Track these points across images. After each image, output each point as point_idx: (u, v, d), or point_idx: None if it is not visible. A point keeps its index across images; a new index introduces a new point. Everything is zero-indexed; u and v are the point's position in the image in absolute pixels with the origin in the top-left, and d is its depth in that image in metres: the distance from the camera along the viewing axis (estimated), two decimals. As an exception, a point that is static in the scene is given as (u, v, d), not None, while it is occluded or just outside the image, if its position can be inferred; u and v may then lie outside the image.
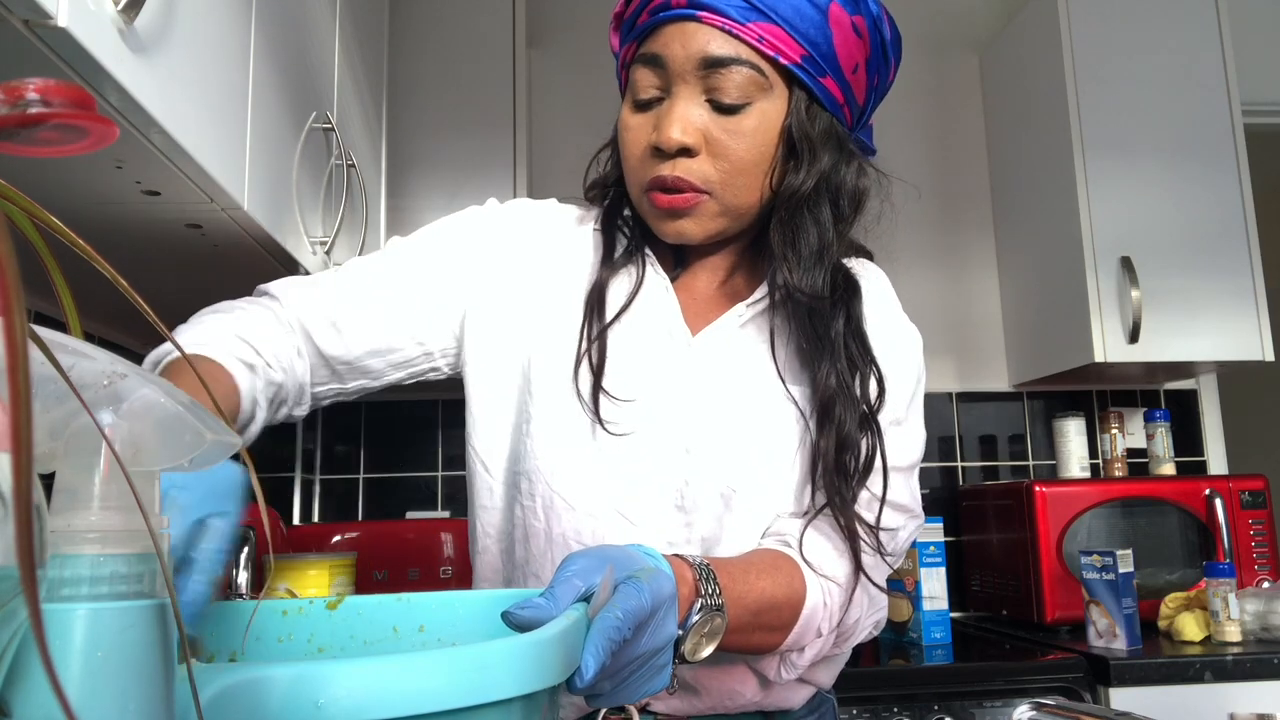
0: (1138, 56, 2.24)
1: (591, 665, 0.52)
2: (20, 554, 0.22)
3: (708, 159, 0.81)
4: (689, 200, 0.82)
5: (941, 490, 2.43)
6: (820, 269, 0.83)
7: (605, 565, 0.58)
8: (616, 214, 0.92)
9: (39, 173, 0.92)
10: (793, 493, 0.84)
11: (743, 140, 0.81)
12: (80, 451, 0.32)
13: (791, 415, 0.85)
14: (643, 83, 0.83)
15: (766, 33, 0.79)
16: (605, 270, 0.89)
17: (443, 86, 2.07)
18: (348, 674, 0.37)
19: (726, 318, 0.89)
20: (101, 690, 0.29)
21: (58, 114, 0.31)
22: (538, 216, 0.95)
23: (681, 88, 0.81)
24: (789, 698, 0.86)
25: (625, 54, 0.87)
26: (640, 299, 0.88)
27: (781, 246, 0.83)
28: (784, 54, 0.79)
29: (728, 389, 0.86)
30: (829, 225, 0.84)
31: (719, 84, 0.79)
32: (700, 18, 0.79)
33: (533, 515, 0.85)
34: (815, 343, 0.84)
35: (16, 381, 0.23)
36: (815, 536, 0.81)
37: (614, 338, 0.86)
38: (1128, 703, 1.69)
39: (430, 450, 2.32)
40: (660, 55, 0.81)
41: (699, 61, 0.79)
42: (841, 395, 0.82)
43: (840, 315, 0.84)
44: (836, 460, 0.81)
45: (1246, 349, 2.17)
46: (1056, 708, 0.91)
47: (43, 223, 0.31)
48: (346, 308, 0.88)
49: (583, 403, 0.84)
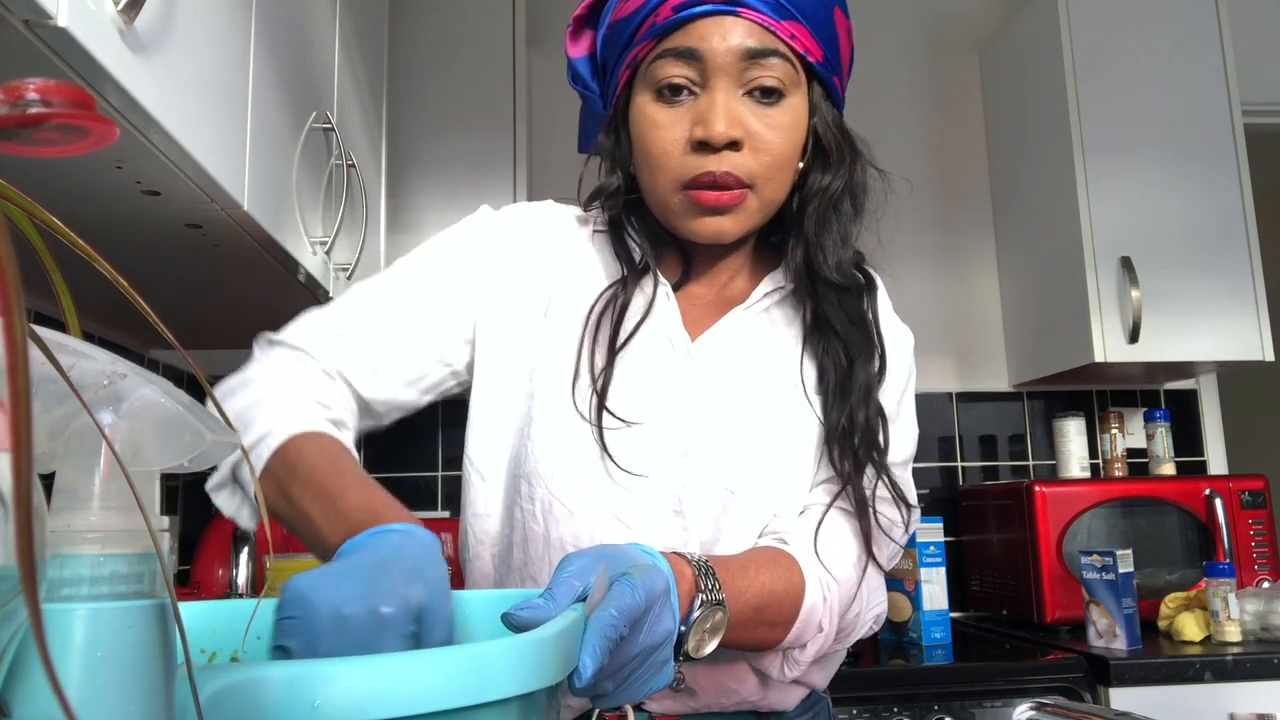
0: (1138, 56, 2.24)
1: (589, 665, 0.52)
2: (20, 554, 0.22)
3: (750, 153, 0.82)
4: (736, 198, 0.82)
5: (941, 490, 2.43)
6: (846, 262, 0.87)
7: (601, 564, 0.58)
8: (622, 221, 0.91)
9: (39, 173, 0.92)
10: (792, 491, 0.85)
11: (780, 133, 0.82)
12: (80, 451, 0.32)
13: (801, 406, 0.86)
14: (674, 77, 0.82)
15: (797, 31, 0.81)
16: (607, 280, 0.89)
17: (443, 86, 2.07)
18: (345, 674, 0.37)
19: (725, 321, 0.89)
20: (101, 690, 0.29)
21: (58, 114, 0.31)
22: (536, 221, 0.94)
23: (721, 80, 0.81)
24: (784, 698, 0.86)
25: (638, 53, 0.85)
26: (641, 308, 0.88)
27: (817, 236, 0.86)
28: (811, 52, 0.82)
29: (728, 392, 0.86)
30: (849, 219, 0.87)
31: (759, 74, 0.81)
32: (740, 12, 0.80)
33: (532, 519, 0.84)
34: (828, 326, 0.87)
35: (16, 381, 0.23)
36: (821, 532, 0.82)
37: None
38: (1128, 703, 1.69)
39: (430, 450, 2.32)
40: (696, 49, 0.81)
41: (741, 53, 0.80)
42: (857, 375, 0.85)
43: (860, 301, 0.88)
44: (853, 434, 0.83)
45: (1246, 349, 2.17)
46: (1056, 708, 0.91)
47: (43, 223, 0.31)
48: (378, 349, 0.86)
49: (587, 421, 0.83)
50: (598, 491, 0.83)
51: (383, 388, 0.87)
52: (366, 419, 0.88)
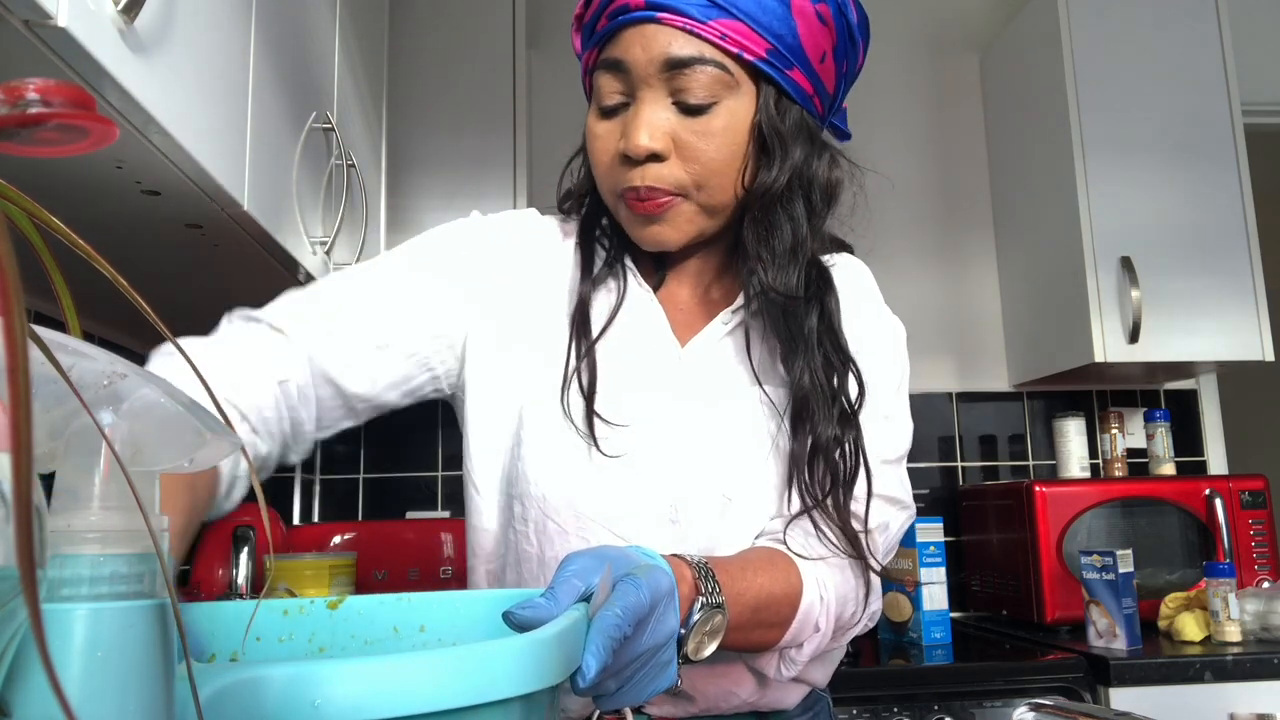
0: (1138, 56, 2.24)
1: (593, 664, 0.52)
2: (20, 554, 0.22)
3: (678, 162, 0.80)
4: (661, 205, 0.80)
5: (941, 490, 2.43)
6: (795, 266, 0.82)
7: (604, 565, 0.58)
8: (594, 225, 0.90)
9: (39, 173, 0.92)
10: (788, 495, 0.84)
11: (712, 141, 0.79)
12: (80, 451, 0.32)
13: (774, 419, 0.84)
14: (606, 89, 0.81)
15: (729, 29, 0.77)
16: (586, 285, 0.87)
17: (443, 86, 2.07)
18: (345, 674, 0.37)
19: (712, 326, 0.88)
20: (101, 690, 0.29)
21: (58, 114, 0.31)
22: (523, 231, 0.92)
23: (646, 92, 0.79)
24: (784, 698, 0.86)
25: (587, 60, 0.85)
26: (626, 313, 0.87)
27: (755, 245, 0.82)
28: (748, 50, 0.78)
29: (718, 397, 0.85)
30: (802, 221, 0.82)
31: (684, 85, 0.78)
32: (660, 19, 0.77)
33: (525, 540, 0.84)
34: (789, 342, 0.83)
35: (16, 381, 0.23)
36: (807, 534, 0.81)
37: (604, 355, 0.85)
38: (1128, 703, 1.69)
39: (430, 450, 2.32)
40: (622, 60, 0.79)
41: (661, 63, 0.78)
42: (816, 394, 0.81)
43: (814, 312, 0.83)
44: (811, 462, 0.80)
45: (1246, 349, 2.18)
46: (1056, 708, 0.91)
47: (43, 223, 0.31)
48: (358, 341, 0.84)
49: (575, 427, 0.82)
50: (590, 505, 0.82)
51: (358, 380, 0.84)
52: (340, 414, 0.86)
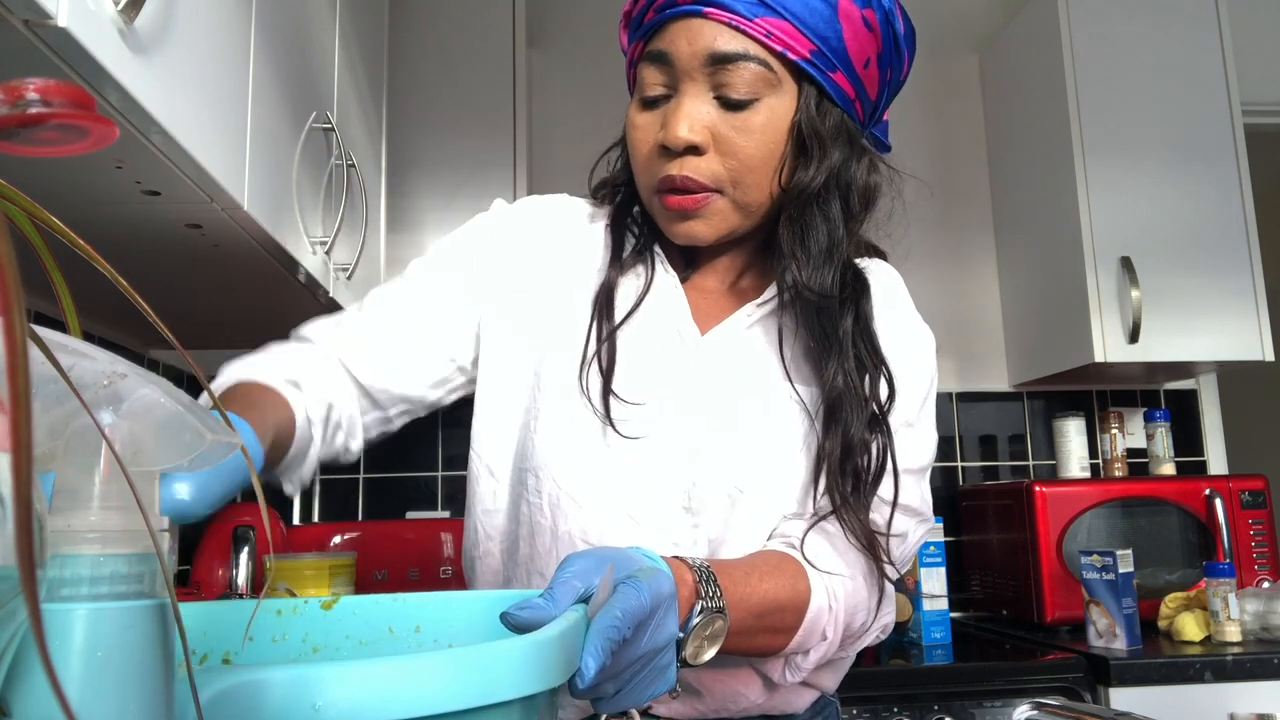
0: (1138, 56, 2.24)
1: (592, 666, 0.51)
2: (20, 554, 0.22)
3: (716, 157, 0.80)
4: (698, 201, 0.81)
5: (941, 490, 2.43)
6: (830, 267, 0.82)
7: (604, 566, 0.58)
8: (626, 213, 0.92)
9: (39, 173, 0.92)
10: (798, 494, 0.84)
11: (751, 137, 0.80)
12: (80, 451, 0.32)
13: (798, 416, 0.85)
14: (649, 80, 0.82)
15: (775, 28, 0.78)
16: (614, 270, 0.88)
17: (443, 86, 2.07)
18: (346, 677, 0.37)
19: (735, 317, 0.88)
20: (101, 690, 0.29)
21: (58, 114, 0.31)
22: (548, 213, 0.95)
23: (688, 85, 0.80)
24: (792, 701, 0.86)
25: (633, 52, 0.87)
26: (650, 299, 0.88)
27: (790, 244, 0.82)
28: (793, 49, 0.78)
29: (736, 389, 0.86)
30: (839, 222, 0.83)
31: (726, 80, 0.79)
32: (707, 14, 0.78)
33: (539, 512, 0.84)
34: (823, 342, 0.83)
35: (16, 381, 0.23)
36: (822, 539, 0.81)
37: (623, 338, 0.86)
38: (1128, 703, 1.69)
39: (430, 450, 2.32)
40: (667, 52, 0.80)
41: (706, 58, 0.78)
42: (849, 396, 0.81)
43: (849, 314, 0.83)
44: (842, 463, 0.80)
45: (1246, 349, 2.17)
46: (1056, 708, 0.91)
47: (43, 223, 0.31)
48: (385, 343, 0.89)
49: (592, 405, 0.83)
50: (605, 484, 0.83)
51: (385, 378, 0.88)
52: (367, 405, 0.90)
